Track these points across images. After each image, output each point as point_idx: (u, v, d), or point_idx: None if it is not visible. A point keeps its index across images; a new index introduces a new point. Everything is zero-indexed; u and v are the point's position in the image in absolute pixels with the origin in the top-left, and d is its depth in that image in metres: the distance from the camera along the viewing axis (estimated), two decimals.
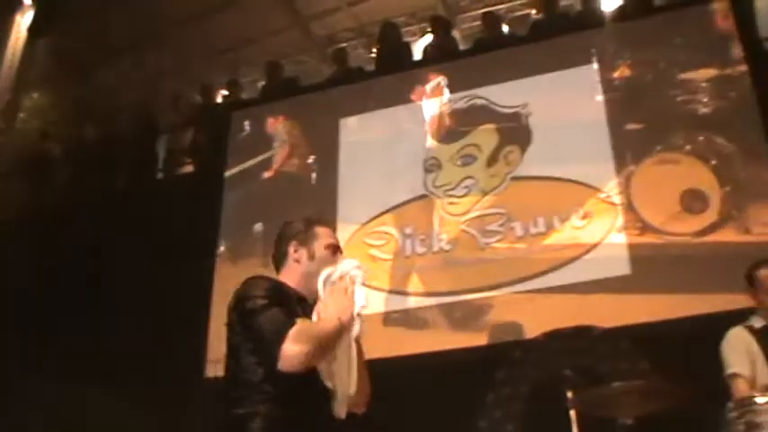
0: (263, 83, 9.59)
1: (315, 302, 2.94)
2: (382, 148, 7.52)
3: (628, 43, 7.23)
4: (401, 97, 7.69)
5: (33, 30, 11.72)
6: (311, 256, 3.09)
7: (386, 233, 7.04)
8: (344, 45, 9.47)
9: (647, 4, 7.82)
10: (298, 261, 3.09)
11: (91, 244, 8.01)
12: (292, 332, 2.67)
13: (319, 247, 3.11)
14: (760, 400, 3.76)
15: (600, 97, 7.02)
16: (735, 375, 4.23)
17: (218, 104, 10.00)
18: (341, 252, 3.15)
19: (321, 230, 3.17)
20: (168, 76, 11.35)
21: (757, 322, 4.40)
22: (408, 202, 7.12)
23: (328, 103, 8.04)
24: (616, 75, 7.12)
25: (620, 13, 7.80)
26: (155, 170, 9.58)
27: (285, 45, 10.62)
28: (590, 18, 7.92)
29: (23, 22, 11.92)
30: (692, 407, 4.28)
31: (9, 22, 11.90)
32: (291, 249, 3.12)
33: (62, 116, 11.50)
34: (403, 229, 7.01)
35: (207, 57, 10.89)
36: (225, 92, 10.31)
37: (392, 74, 8.17)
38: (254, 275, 3.03)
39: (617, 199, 6.56)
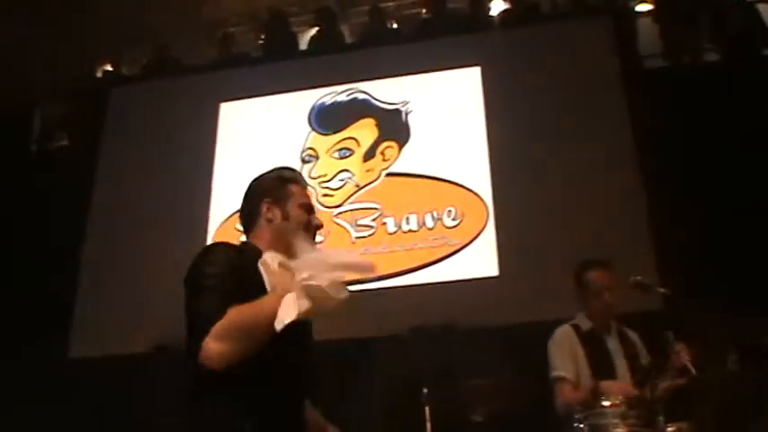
0: (146, 61, 9.36)
1: None
2: (261, 135, 7.44)
3: (512, 49, 7.32)
4: (284, 86, 7.62)
5: None
6: (285, 216, 2.85)
7: None
8: (233, 30, 9.29)
9: (534, 11, 7.94)
10: (270, 221, 2.85)
11: None
12: (217, 326, 2.38)
13: (293, 206, 2.87)
14: (605, 402, 3.83)
15: (481, 100, 7.09)
16: (559, 379, 4.34)
17: (99, 78, 9.73)
18: (314, 212, 2.91)
19: (295, 189, 2.94)
20: (49, 46, 11.00)
21: (584, 324, 4.51)
22: None
23: (210, 87, 7.91)
24: (498, 79, 7.20)
25: (506, 18, 7.89)
26: (29, 142, 9.27)
27: (173, 27, 10.39)
28: (477, 21, 8.00)
29: None
30: (543, 405, 4.38)
31: None
32: (264, 208, 2.86)
33: None
34: None
35: (92, 30, 10.59)
36: (107, 67, 10.04)
37: (277, 61, 8.08)
38: (215, 242, 2.85)
39: (489, 201, 6.64)
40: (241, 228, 2.95)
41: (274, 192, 2.91)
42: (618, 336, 4.51)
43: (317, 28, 8.43)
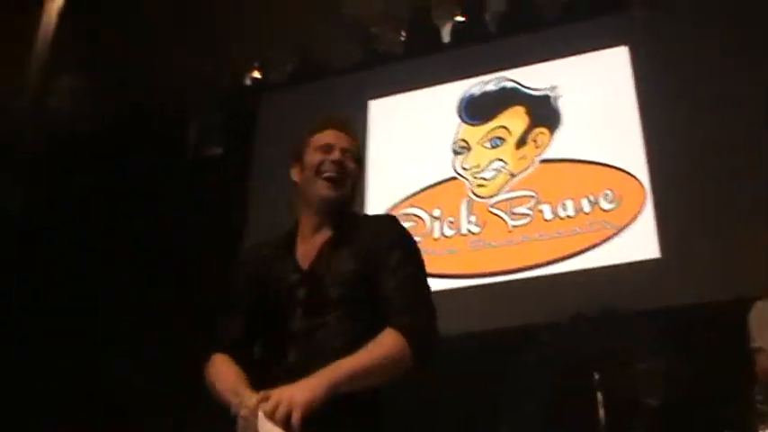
0: (292, 65, 9.57)
1: (327, 220, 2.51)
2: (411, 131, 7.51)
3: (660, 25, 7.14)
4: (430, 79, 7.66)
5: (64, 13, 11.79)
6: (303, 168, 2.55)
7: (414, 216, 7.04)
8: (374, 28, 9.40)
9: None
10: (297, 183, 2.59)
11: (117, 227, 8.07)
12: (211, 361, 2.43)
13: (309, 152, 2.55)
14: None
15: (630, 79, 6.97)
16: (757, 350, 4.24)
17: (248, 87, 10.01)
18: (331, 151, 2.53)
19: (315, 137, 2.58)
20: (199, 58, 11.38)
21: None
22: (437, 184, 7.13)
23: (358, 86, 8.03)
24: (649, 58, 7.04)
25: None
26: (185, 152, 9.62)
27: (315, 28, 10.58)
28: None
29: (54, 6, 12.02)
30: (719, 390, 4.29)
31: (39, 5, 12.02)
32: (292, 173, 2.63)
33: (93, 98, 11.59)
34: (431, 212, 7.01)
35: (237, 38, 10.89)
36: (255, 74, 10.32)
37: (422, 56, 8.12)
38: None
39: (646, 182, 6.52)
40: None
41: (294, 150, 2.63)
42: None
43: (459, 18, 8.42)
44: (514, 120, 7.15)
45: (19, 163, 9.44)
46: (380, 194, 7.25)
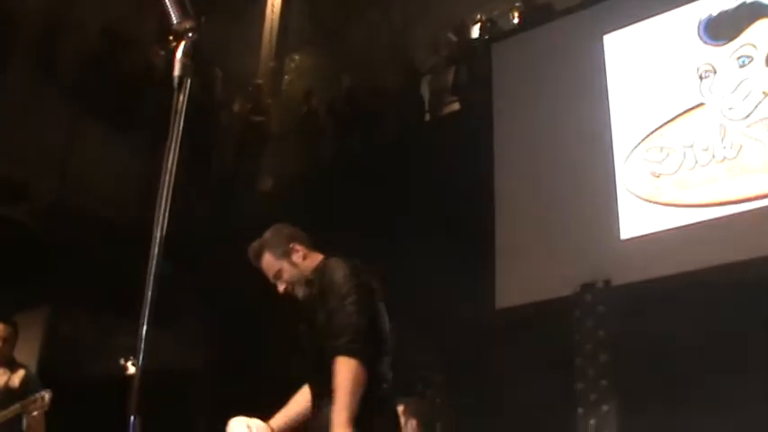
0: (516, 13, 9.53)
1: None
2: (651, 61, 7.29)
3: None
4: (665, 5, 7.38)
5: None
6: None
7: (665, 147, 6.87)
8: None
9: None
10: None
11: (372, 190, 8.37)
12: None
13: None
14: None
15: None
16: None
17: (476, 39, 10.07)
18: (275, 281, 3.24)
19: None
20: (418, 21, 11.57)
21: None
22: (685, 112, 6.89)
23: (589, 22, 7.88)
24: None
25: None
26: (422, 113, 9.82)
27: None
28: None
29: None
30: None
31: None
32: None
33: (323, 74, 12.04)
34: (683, 141, 6.81)
35: None
36: (478, 27, 10.37)
37: None
38: None
39: None
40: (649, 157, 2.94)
41: None
42: None
43: None
44: (760, 34, 6.77)
45: None
46: (626, 129, 7.13)
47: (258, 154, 10.72)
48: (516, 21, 9.40)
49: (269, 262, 3.19)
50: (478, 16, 10.56)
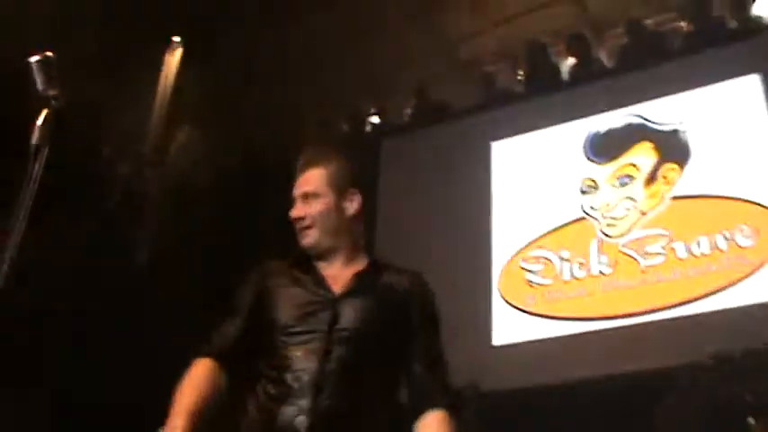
0: (410, 110, 9.59)
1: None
2: (536, 171, 7.42)
3: None
4: (553, 119, 7.56)
5: (181, 66, 12.15)
6: None
7: (543, 258, 6.94)
8: (491, 68, 9.36)
9: None
10: None
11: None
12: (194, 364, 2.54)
13: None
14: None
15: (764, 108, 6.73)
16: None
17: (368, 133, 10.08)
18: (299, 199, 2.77)
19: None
20: (315, 106, 11.54)
21: None
22: (566, 225, 7.01)
23: (479, 127, 8.00)
24: None
25: None
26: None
27: (430, 70, 10.60)
28: (746, 27, 7.60)
29: (173, 60, 12.41)
30: None
31: (159, 60, 12.41)
32: None
33: (211, 148, 11.86)
34: (560, 253, 6.90)
35: (354, 84, 10.98)
36: (373, 119, 10.38)
37: (542, 95, 8.05)
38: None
39: None
40: (527, 266, 3.08)
41: None
42: None
43: (574, 58, 8.32)
44: (643, 156, 6.98)
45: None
46: (506, 237, 7.19)
47: (134, 225, 10.41)
48: (408, 116, 9.46)
49: (316, 177, 2.72)
50: (372, 109, 10.57)
